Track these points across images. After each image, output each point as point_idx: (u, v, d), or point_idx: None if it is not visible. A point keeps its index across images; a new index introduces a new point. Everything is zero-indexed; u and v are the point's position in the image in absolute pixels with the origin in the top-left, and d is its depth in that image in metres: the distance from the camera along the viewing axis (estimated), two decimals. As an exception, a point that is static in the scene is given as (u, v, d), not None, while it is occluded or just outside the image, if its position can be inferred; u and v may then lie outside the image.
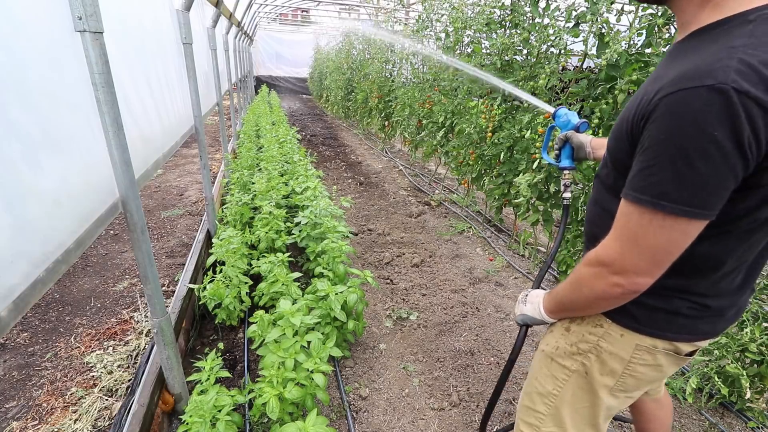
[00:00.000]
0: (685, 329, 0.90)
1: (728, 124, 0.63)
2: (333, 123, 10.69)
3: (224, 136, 4.61)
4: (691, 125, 0.65)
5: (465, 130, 3.97)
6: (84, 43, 1.12)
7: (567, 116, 1.42)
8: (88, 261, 3.17)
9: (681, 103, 0.66)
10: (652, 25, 2.24)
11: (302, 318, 1.76)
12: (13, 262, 0.84)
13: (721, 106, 0.63)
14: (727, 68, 0.63)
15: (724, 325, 0.93)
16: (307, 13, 16.73)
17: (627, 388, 1.01)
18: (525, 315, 1.16)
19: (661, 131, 0.69)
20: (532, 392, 1.16)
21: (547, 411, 1.12)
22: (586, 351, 1.01)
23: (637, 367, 0.95)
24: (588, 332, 1.00)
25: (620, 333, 0.94)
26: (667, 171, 0.69)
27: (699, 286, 0.86)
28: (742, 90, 0.62)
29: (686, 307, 0.88)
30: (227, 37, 5.33)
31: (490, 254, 3.70)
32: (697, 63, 0.67)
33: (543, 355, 1.14)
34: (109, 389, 1.98)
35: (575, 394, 1.06)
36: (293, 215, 3.08)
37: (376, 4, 10.11)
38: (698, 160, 0.66)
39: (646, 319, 0.91)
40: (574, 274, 0.91)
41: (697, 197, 0.68)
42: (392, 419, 1.97)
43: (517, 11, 3.24)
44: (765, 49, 0.64)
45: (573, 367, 1.04)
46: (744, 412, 2.05)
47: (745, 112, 0.62)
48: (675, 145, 0.68)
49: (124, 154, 1.28)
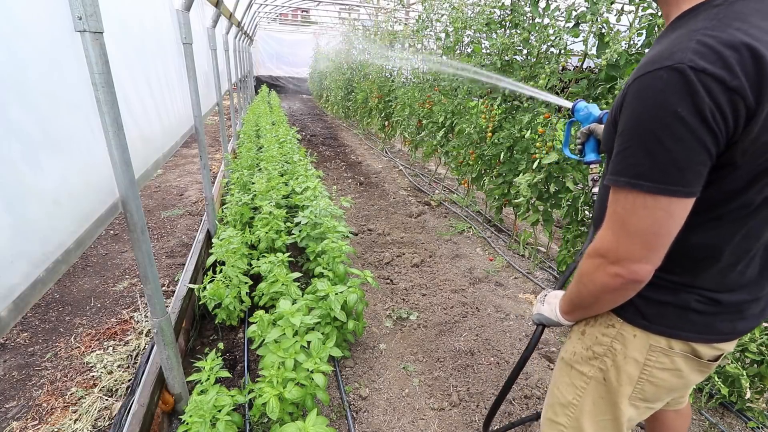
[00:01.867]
0: (699, 327, 0.87)
1: (689, 100, 0.66)
2: (333, 123, 10.69)
3: (224, 136, 4.61)
4: (655, 106, 0.69)
5: (465, 130, 3.97)
6: (84, 43, 1.12)
7: (587, 109, 1.39)
8: (88, 261, 3.17)
9: (644, 86, 0.71)
10: (652, 25, 2.24)
11: (302, 318, 1.76)
12: (13, 262, 0.84)
13: (680, 84, 0.66)
14: (686, 49, 0.67)
15: (746, 325, 0.88)
16: (307, 13, 16.73)
17: (646, 396, 0.97)
18: (541, 315, 1.14)
19: (630, 115, 0.73)
20: (554, 403, 1.14)
21: (568, 423, 1.09)
22: (602, 354, 0.98)
23: (654, 371, 0.92)
24: (601, 333, 0.98)
25: (633, 333, 0.92)
26: (640, 151, 0.72)
27: (703, 279, 0.84)
28: (698, 68, 0.65)
29: (695, 300, 0.85)
30: (227, 37, 5.33)
31: (490, 254, 3.70)
32: (662, 48, 0.71)
33: (563, 363, 1.12)
34: (109, 389, 1.98)
35: (596, 404, 1.03)
36: (293, 215, 3.08)
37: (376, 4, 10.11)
38: (666, 138, 0.69)
39: (656, 315, 0.88)
40: (579, 269, 0.91)
41: (671, 174, 0.70)
42: (392, 419, 1.97)
43: (517, 11, 3.24)
44: (725, 30, 0.66)
45: (590, 373, 1.02)
46: (744, 412, 2.05)
47: (704, 88, 0.65)
48: (643, 126, 0.71)
49: (124, 154, 1.28)
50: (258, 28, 13.52)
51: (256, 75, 16.21)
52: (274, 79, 17.01)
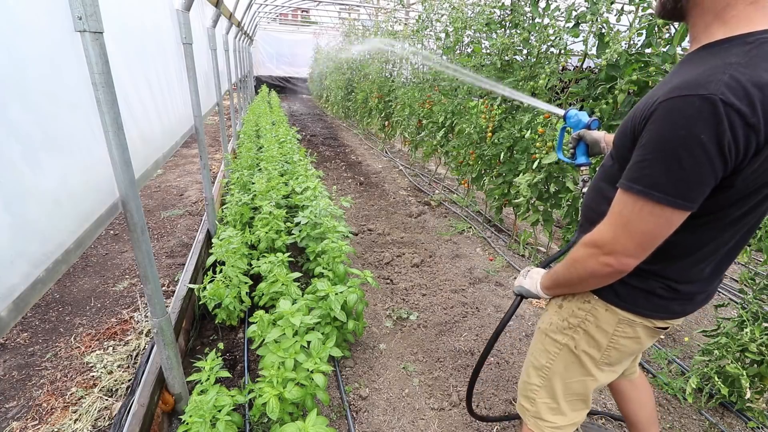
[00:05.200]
0: (660, 308, 1.03)
1: (713, 130, 0.73)
2: (333, 123, 10.69)
3: (224, 136, 4.61)
4: (683, 128, 0.75)
5: (465, 130, 3.97)
6: (84, 43, 1.12)
7: (578, 116, 1.51)
8: (88, 261, 3.17)
9: (676, 108, 0.76)
10: (651, 25, 2.24)
11: (302, 318, 1.76)
12: (13, 262, 0.84)
13: (709, 113, 0.73)
14: (719, 82, 0.73)
15: (693, 308, 1.06)
16: (307, 13, 16.75)
17: (611, 361, 1.15)
18: (522, 287, 1.30)
19: (657, 130, 0.80)
20: (528, 367, 1.31)
21: (541, 383, 1.26)
22: (575, 326, 1.14)
23: (620, 339, 1.09)
24: (577, 307, 1.13)
25: (605, 308, 1.07)
26: (658, 165, 0.80)
27: (670, 270, 0.98)
28: (728, 102, 0.71)
29: (659, 287, 1.00)
30: (227, 37, 5.33)
31: (490, 254, 3.70)
32: (696, 74, 0.77)
33: (539, 332, 1.28)
34: (109, 389, 1.98)
35: (567, 368, 1.20)
36: (293, 215, 3.08)
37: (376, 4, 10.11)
38: (686, 158, 0.76)
39: (627, 295, 1.03)
40: (571, 254, 1.03)
41: (681, 190, 0.79)
42: (392, 419, 1.97)
43: (517, 11, 3.24)
44: (755, 69, 0.73)
45: (563, 341, 1.18)
46: (744, 412, 2.05)
47: (728, 121, 0.72)
48: (667, 144, 0.78)
49: (124, 154, 1.28)
50: (258, 28, 13.51)
51: (256, 75, 16.20)
52: (274, 79, 17.00)
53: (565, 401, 1.24)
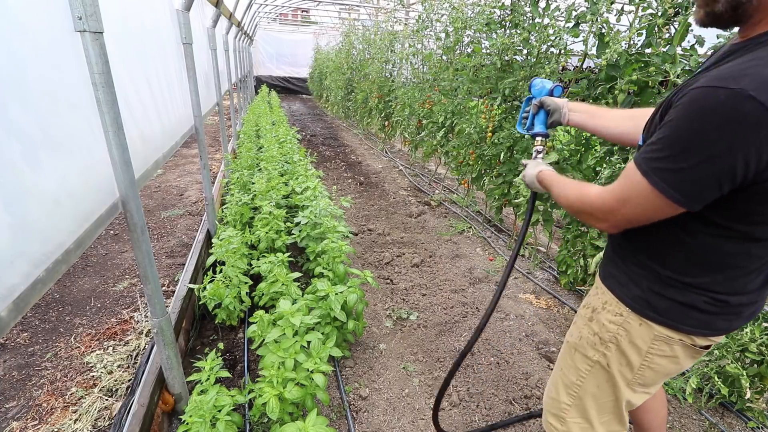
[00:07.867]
0: (702, 324, 0.93)
1: (732, 126, 0.67)
2: (333, 123, 10.69)
3: (224, 136, 4.61)
4: (701, 119, 0.71)
5: (465, 130, 3.97)
6: (84, 43, 1.12)
7: (542, 83, 1.41)
8: (88, 261, 3.17)
9: (700, 97, 0.72)
10: (652, 25, 2.24)
11: (302, 318, 1.76)
12: (13, 262, 0.84)
13: (730, 108, 0.67)
14: (754, 76, 0.67)
15: (738, 324, 0.96)
16: (307, 13, 16.75)
17: (645, 381, 1.05)
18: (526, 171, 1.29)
19: (678, 115, 0.75)
20: (557, 382, 1.21)
21: (571, 401, 1.16)
22: (607, 341, 1.05)
23: (655, 358, 0.99)
24: (608, 321, 1.04)
25: (639, 322, 0.98)
26: (669, 151, 0.76)
27: (719, 282, 0.90)
28: (758, 99, 0.65)
29: (702, 300, 0.91)
30: (227, 37, 5.33)
31: (490, 254, 3.70)
32: (731, 66, 0.72)
33: (567, 346, 1.19)
34: (109, 389, 1.98)
35: (600, 387, 1.10)
36: (293, 215, 3.08)
37: (376, 4, 10.11)
38: (693, 154, 0.73)
39: (664, 310, 0.95)
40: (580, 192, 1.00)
41: (679, 184, 0.76)
42: (392, 419, 1.97)
43: (517, 11, 3.24)
44: None
45: (594, 357, 1.08)
46: (744, 412, 2.05)
47: (755, 121, 0.66)
48: (683, 132, 0.74)
49: (124, 154, 1.28)
50: (258, 28, 13.51)
51: (256, 75, 16.19)
52: (274, 79, 16.99)
53: (600, 422, 1.14)
